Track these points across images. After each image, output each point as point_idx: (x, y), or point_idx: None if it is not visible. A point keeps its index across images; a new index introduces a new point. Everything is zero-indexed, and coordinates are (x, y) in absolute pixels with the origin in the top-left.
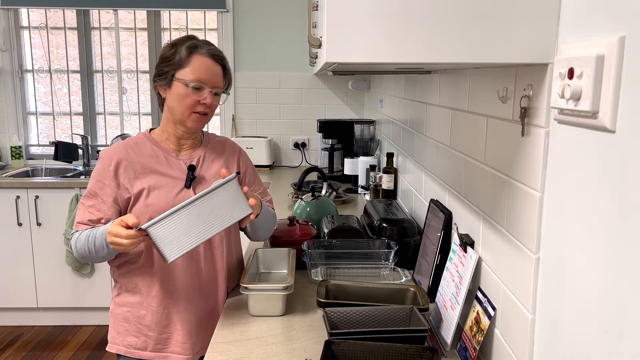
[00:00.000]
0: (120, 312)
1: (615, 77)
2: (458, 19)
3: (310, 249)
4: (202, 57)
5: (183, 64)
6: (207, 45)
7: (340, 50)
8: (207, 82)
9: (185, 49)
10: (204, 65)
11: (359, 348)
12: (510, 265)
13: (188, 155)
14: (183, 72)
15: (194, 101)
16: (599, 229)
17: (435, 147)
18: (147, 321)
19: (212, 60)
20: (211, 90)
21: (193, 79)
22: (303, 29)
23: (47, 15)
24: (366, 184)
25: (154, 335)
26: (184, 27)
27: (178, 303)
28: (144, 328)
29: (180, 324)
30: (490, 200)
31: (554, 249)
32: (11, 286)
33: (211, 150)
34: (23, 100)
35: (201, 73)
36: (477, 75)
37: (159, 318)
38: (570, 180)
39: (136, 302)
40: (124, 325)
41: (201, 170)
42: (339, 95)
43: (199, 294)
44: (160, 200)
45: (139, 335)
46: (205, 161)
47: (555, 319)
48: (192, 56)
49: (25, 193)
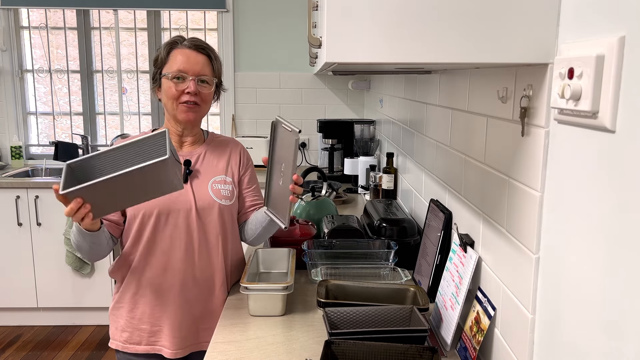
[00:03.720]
0: (117, 308)
1: (615, 77)
2: (458, 19)
3: (310, 249)
4: (182, 50)
5: (165, 61)
6: (190, 39)
7: (340, 50)
8: (188, 71)
9: (164, 47)
10: (184, 56)
11: (359, 348)
12: (510, 265)
13: (189, 152)
14: (166, 68)
15: (179, 92)
16: (599, 228)
17: (435, 147)
18: (139, 314)
19: (192, 50)
20: (194, 78)
21: (173, 71)
22: (303, 29)
23: (47, 15)
24: (366, 184)
25: (146, 328)
26: (184, 27)
27: (170, 299)
28: (137, 322)
29: (171, 318)
30: (490, 200)
31: (554, 249)
32: (11, 286)
33: (213, 148)
34: (23, 100)
35: (181, 64)
36: (477, 75)
37: (150, 312)
38: (570, 180)
39: (130, 298)
40: (119, 321)
41: (201, 166)
42: (339, 95)
43: (193, 292)
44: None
45: (133, 330)
46: (206, 158)
47: (555, 319)
48: (172, 52)
49: (25, 193)
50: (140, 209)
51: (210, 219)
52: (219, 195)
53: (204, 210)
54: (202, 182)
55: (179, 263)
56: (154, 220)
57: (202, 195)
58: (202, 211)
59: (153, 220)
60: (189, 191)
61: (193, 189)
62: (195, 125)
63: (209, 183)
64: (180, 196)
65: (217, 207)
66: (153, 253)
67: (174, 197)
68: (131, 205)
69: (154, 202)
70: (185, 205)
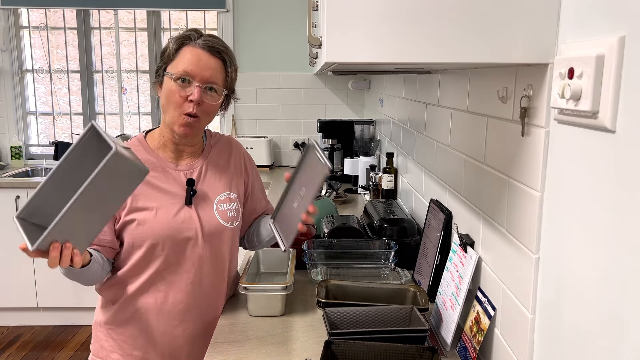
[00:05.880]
0: (105, 329)
1: (615, 77)
2: (458, 19)
3: (310, 249)
4: (193, 49)
5: (172, 57)
6: (206, 38)
7: (340, 50)
8: (196, 76)
9: (175, 40)
10: (194, 56)
11: (359, 348)
12: (510, 265)
13: (189, 164)
14: (171, 66)
15: (182, 98)
16: (599, 228)
17: (435, 147)
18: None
19: (205, 52)
20: (200, 85)
21: (178, 72)
22: (303, 29)
23: (47, 15)
24: (366, 184)
25: (139, 355)
26: (184, 27)
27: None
28: (129, 347)
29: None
30: (490, 200)
31: (554, 249)
32: (11, 286)
33: (214, 158)
34: (23, 100)
35: (189, 65)
36: (477, 75)
37: (146, 339)
38: (570, 180)
39: (122, 322)
40: (107, 341)
41: (203, 184)
42: (339, 95)
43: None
44: (159, 221)
45: (123, 354)
46: (208, 173)
47: (555, 319)
48: (182, 48)
49: (25, 193)
50: (143, 238)
51: (219, 245)
52: (225, 218)
53: (212, 236)
54: (207, 205)
55: (181, 294)
56: (158, 251)
57: (209, 219)
58: (209, 237)
59: (158, 251)
60: (193, 216)
61: (198, 213)
62: (196, 136)
63: (215, 204)
64: (185, 223)
65: (226, 231)
66: (153, 282)
67: (178, 225)
68: (114, 212)
69: (160, 231)
70: (191, 233)
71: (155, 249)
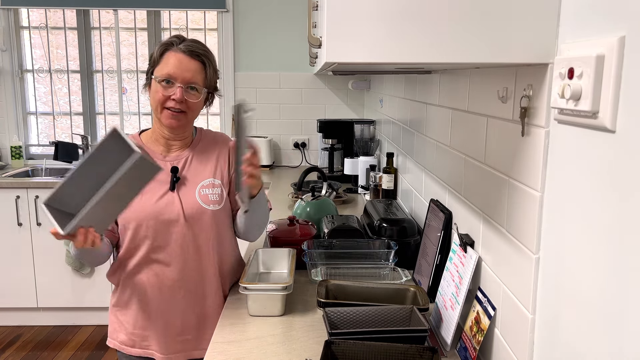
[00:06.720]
0: (113, 311)
1: (615, 77)
2: (458, 19)
3: (310, 249)
4: (176, 54)
5: (157, 62)
6: (187, 43)
7: (340, 50)
8: (177, 78)
9: (159, 46)
10: (176, 60)
11: (359, 348)
12: (510, 265)
13: (176, 156)
14: (156, 70)
15: (165, 97)
16: (599, 228)
17: (435, 147)
18: (131, 320)
19: (186, 55)
20: (181, 85)
21: (162, 75)
22: (303, 29)
23: (47, 15)
24: (366, 184)
25: (138, 333)
26: (184, 27)
27: (160, 307)
28: (130, 326)
29: (160, 326)
30: (490, 200)
31: (554, 249)
32: (11, 286)
33: (201, 151)
34: (23, 100)
35: (171, 68)
36: (477, 75)
37: (140, 318)
38: (570, 180)
39: (124, 303)
40: (115, 322)
41: (188, 171)
42: (339, 95)
43: (184, 300)
44: (143, 205)
45: (126, 334)
46: (193, 162)
47: (555, 319)
48: (165, 53)
49: (25, 193)
50: (129, 220)
51: (201, 227)
52: (206, 201)
53: (193, 218)
54: (189, 190)
55: (170, 272)
56: (143, 232)
57: (190, 203)
58: (191, 219)
59: (143, 232)
60: (175, 200)
61: (180, 198)
62: (184, 130)
63: (197, 189)
64: (168, 206)
65: (207, 213)
66: (145, 262)
67: (161, 208)
68: (126, 207)
69: (143, 214)
70: (173, 215)
71: (140, 229)
